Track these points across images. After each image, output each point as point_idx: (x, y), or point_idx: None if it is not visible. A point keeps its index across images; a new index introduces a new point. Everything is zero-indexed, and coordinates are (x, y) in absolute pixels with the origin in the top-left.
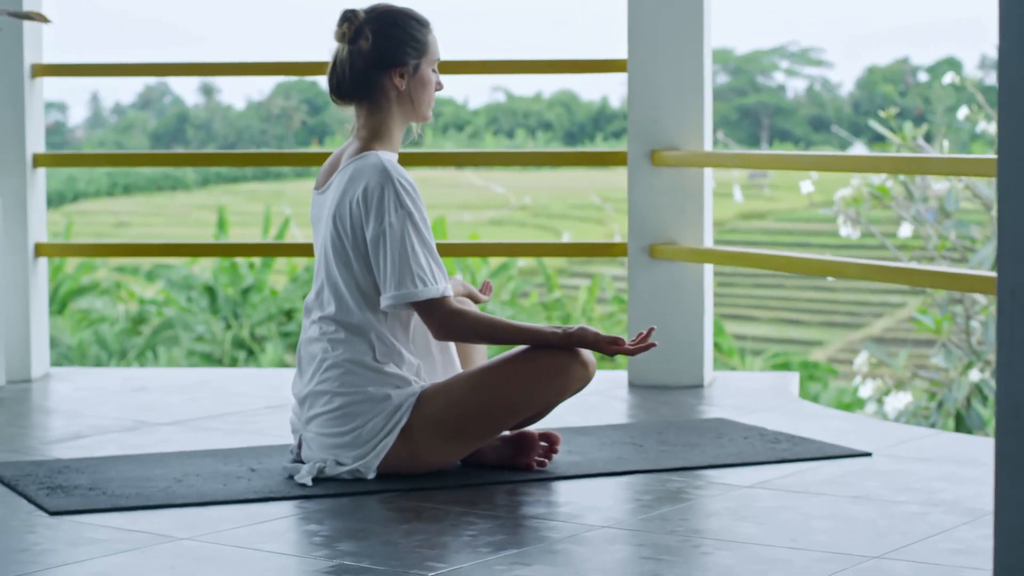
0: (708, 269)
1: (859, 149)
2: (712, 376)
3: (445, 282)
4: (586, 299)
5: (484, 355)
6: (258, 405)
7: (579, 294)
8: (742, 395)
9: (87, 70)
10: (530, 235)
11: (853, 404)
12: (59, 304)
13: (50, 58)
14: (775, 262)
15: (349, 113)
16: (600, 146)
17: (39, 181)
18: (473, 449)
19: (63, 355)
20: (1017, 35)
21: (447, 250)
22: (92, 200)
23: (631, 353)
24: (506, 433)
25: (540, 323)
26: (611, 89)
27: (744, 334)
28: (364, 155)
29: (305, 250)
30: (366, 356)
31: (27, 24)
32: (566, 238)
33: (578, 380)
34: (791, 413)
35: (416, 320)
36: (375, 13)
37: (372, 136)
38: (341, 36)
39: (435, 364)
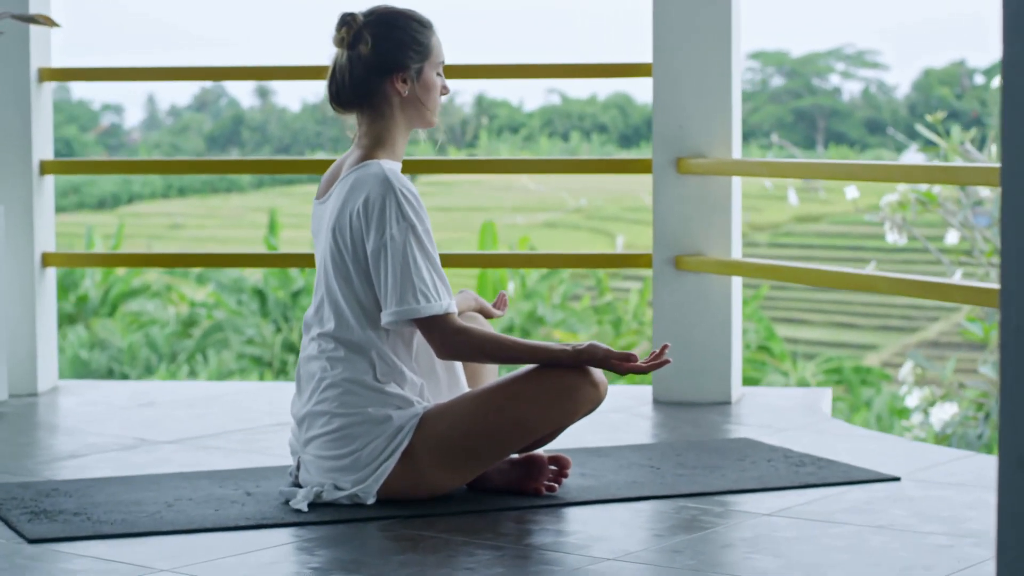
0: (736, 282)
1: (912, 153)
2: (740, 392)
3: (449, 298)
4: (637, 302)
5: (494, 374)
6: (266, 422)
7: (630, 297)
8: (771, 413)
9: (96, 74)
10: (583, 238)
11: (903, 412)
12: (110, 307)
13: (63, 62)
14: (803, 275)
15: (352, 122)
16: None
17: (47, 188)
18: (479, 473)
19: (113, 357)
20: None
21: (467, 261)
22: (147, 202)
23: (643, 371)
24: (515, 456)
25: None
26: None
27: (797, 338)
28: (365, 164)
29: (306, 260)
30: (366, 375)
31: (34, 28)
32: (620, 241)
33: (588, 401)
34: (820, 433)
35: (419, 338)
36: (374, 16)
37: (374, 144)
38: (339, 41)
39: (440, 384)
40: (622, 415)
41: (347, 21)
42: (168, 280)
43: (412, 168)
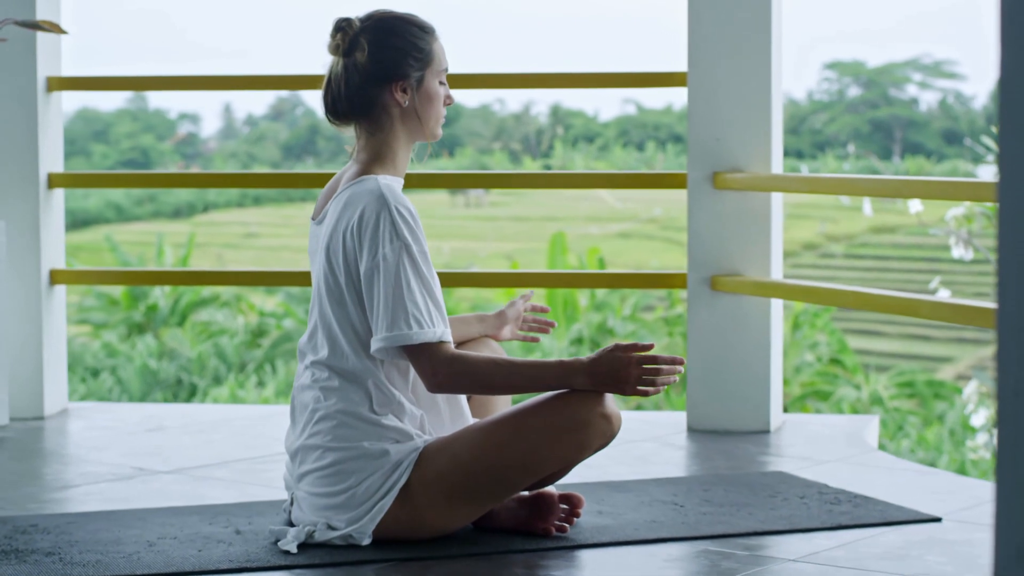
0: (776, 304)
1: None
2: (781, 420)
3: (444, 326)
4: None
5: (504, 404)
6: (275, 449)
7: None
8: (811, 443)
9: (108, 83)
10: (657, 248)
11: (974, 429)
12: (179, 316)
13: (79, 71)
14: (845, 297)
15: (350, 134)
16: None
17: (55, 203)
18: (482, 512)
19: (182, 367)
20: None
21: (496, 281)
22: (222, 211)
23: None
24: (524, 493)
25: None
26: None
27: (871, 350)
28: (361, 179)
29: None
30: (361, 407)
31: (42, 36)
32: None
33: (600, 435)
34: (862, 466)
35: None
36: (371, 21)
37: (373, 159)
38: (335, 48)
39: (442, 415)
40: (652, 445)
41: (342, 27)
42: (238, 290)
43: (417, 182)
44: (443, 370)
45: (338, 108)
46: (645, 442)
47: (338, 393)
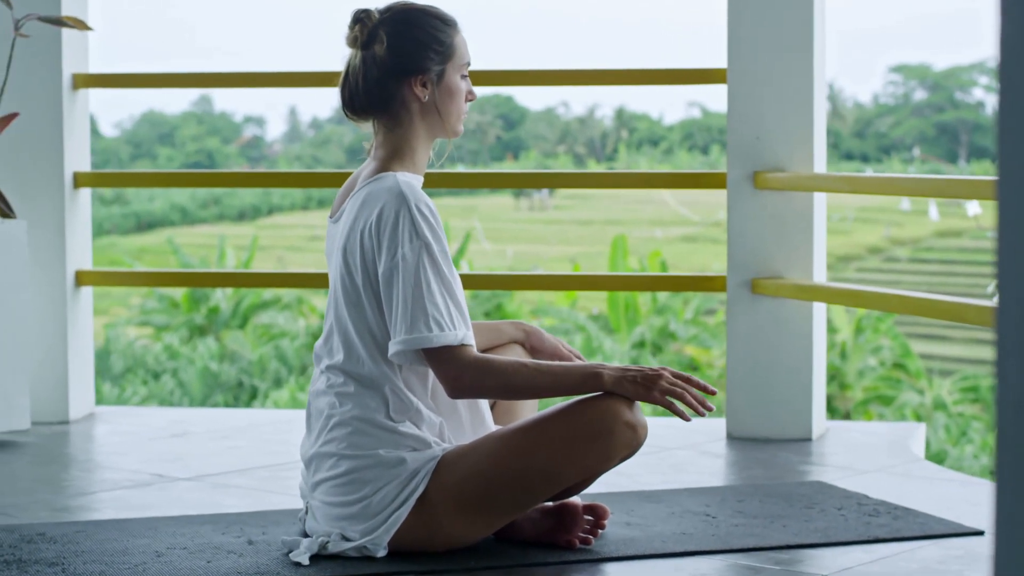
0: (819, 308)
1: None
2: (824, 428)
3: (466, 328)
4: None
5: (530, 410)
6: (299, 456)
7: None
8: (854, 451)
9: (134, 80)
10: (720, 252)
11: None
12: (241, 319)
13: (107, 68)
14: (890, 302)
15: (368, 130)
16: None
17: (81, 203)
18: (503, 524)
19: (243, 370)
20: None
21: (537, 283)
22: (286, 214)
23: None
24: (548, 503)
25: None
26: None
27: (934, 354)
28: (380, 177)
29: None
30: (378, 413)
31: (68, 32)
32: None
33: (624, 445)
34: (905, 476)
35: None
36: (390, 13)
37: (391, 156)
38: (353, 40)
39: (462, 423)
40: (689, 452)
41: (360, 19)
42: (299, 292)
43: (437, 181)
44: (466, 374)
45: (355, 103)
46: (681, 450)
47: (354, 399)
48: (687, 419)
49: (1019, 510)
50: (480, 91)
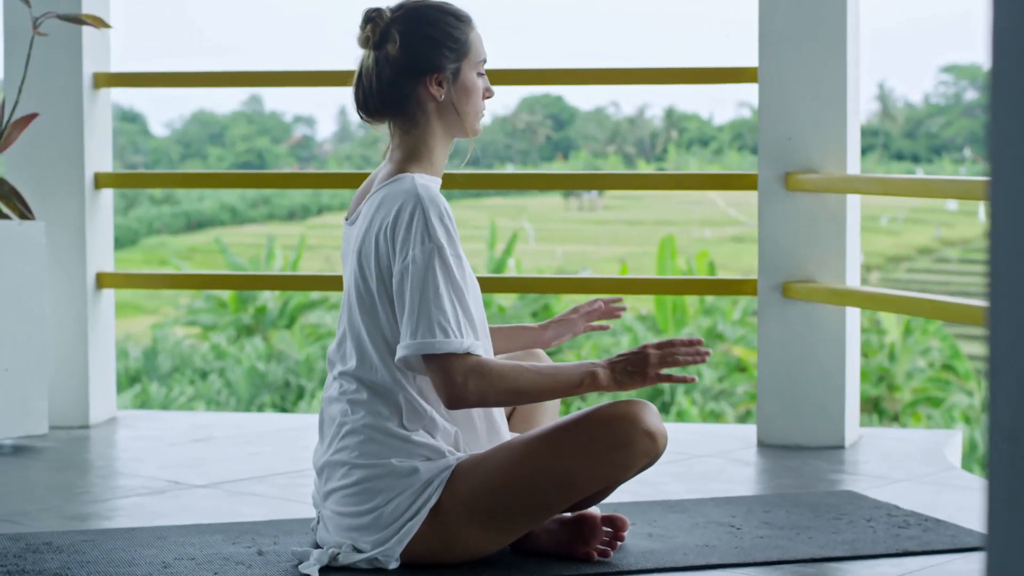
0: (852, 313)
1: None
2: (857, 435)
3: (473, 337)
4: None
5: (553, 418)
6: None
7: None
8: (887, 459)
9: (157, 80)
10: None
11: None
12: (288, 319)
13: (127, 67)
14: (924, 307)
15: (384, 132)
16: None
17: (102, 203)
18: (519, 535)
19: (290, 370)
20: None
21: (574, 286)
22: (336, 214)
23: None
24: (566, 514)
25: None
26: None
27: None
28: (396, 179)
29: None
30: (390, 422)
31: (89, 31)
32: None
33: (643, 454)
34: (939, 485)
35: None
36: (403, 11)
37: (408, 157)
38: (364, 40)
39: (477, 432)
40: (717, 460)
41: (372, 17)
42: None
43: (453, 183)
44: (469, 382)
45: (369, 104)
46: (710, 457)
47: (366, 406)
48: (693, 380)
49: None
50: (526, 91)
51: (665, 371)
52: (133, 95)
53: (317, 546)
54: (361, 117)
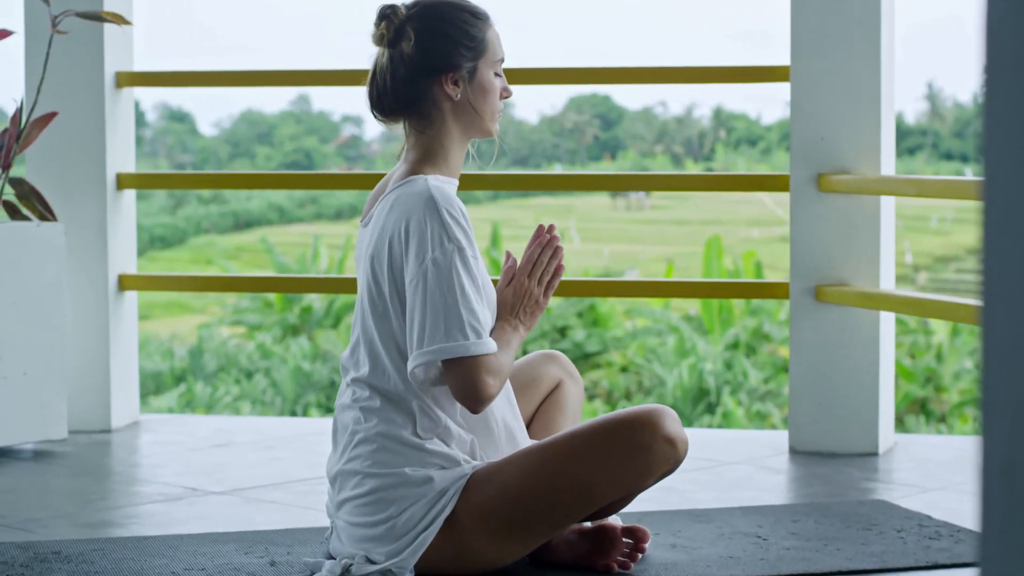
0: (886, 317)
1: None
2: (891, 442)
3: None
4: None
5: (575, 423)
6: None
7: None
8: (921, 467)
9: (182, 79)
10: None
11: None
12: (334, 318)
13: (148, 67)
14: (960, 311)
15: (399, 131)
16: (896, 166)
17: (125, 204)
18: (536, 545)
19: (335, 369)
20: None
21: (594, 289)
22: None
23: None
24: (586, 524)
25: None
26: (907, 104)
27: None
28: (410, 180)
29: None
30: (404, 429)
31: (111, 29)
32: None
33: (663, 461)
34: (972, 494)
35: None
36: (418, 8)
37: (423, 158)
38: (379, 38)
39: (495, 439)
40: (747, 468)
41: (387, 15)
42: None
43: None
44: (494, 381)
45: (384, 103)
46: (740, 464)
47: (379, 414)
48: (562, 268)
49: None
50: (574, 91)
51: (548, 287)
52: (182, 95)
53: (330, 557)
54: (375, 117)
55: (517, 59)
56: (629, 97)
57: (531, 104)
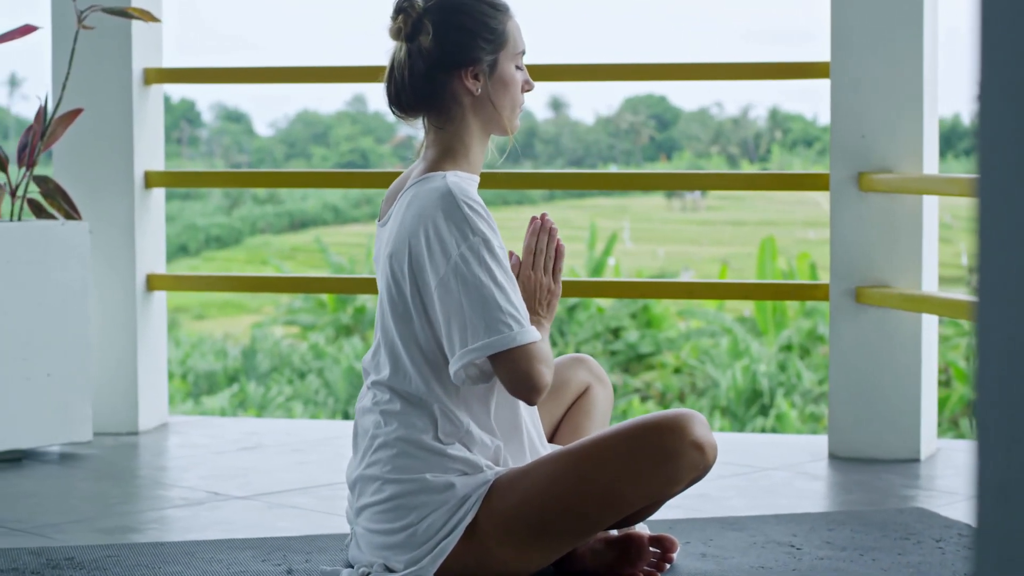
0: (929, 319)
1: None
2: (934, 447)
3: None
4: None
5: (603, 427)
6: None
7: None
8: (963, 473)
9: (210, 76)
10: None
11: None
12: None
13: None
14: None
15: (418, 128)
16: (951, 167)
17: (153, 203)
18: (560, 554)
19: None
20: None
21: (630, 290)
22: None
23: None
24: (613, 532)
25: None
26: (964, 105)
27: None
28: (428, 177)
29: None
30: (425, 434)
31: (139, 25)
32: None
33: (692, 468)
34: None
35: (500, 391)
36: (436, 0)
37: (443, 154)
38: (396, 32)
39: (523, 444)
40: (785, 473)
41: (404, 8)
42: None
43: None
44: (546, 369)
45: (402, 99)
46: (777, 470)
47: (399, 418)
48: (562, 247)
49: None
50: (629, 91)
51: (555, 271)
52: (238, 95)
53: (349, 565)
54: (394, 113)
55: (565, 55)
56: (685, 98)
57: (587, 105)
